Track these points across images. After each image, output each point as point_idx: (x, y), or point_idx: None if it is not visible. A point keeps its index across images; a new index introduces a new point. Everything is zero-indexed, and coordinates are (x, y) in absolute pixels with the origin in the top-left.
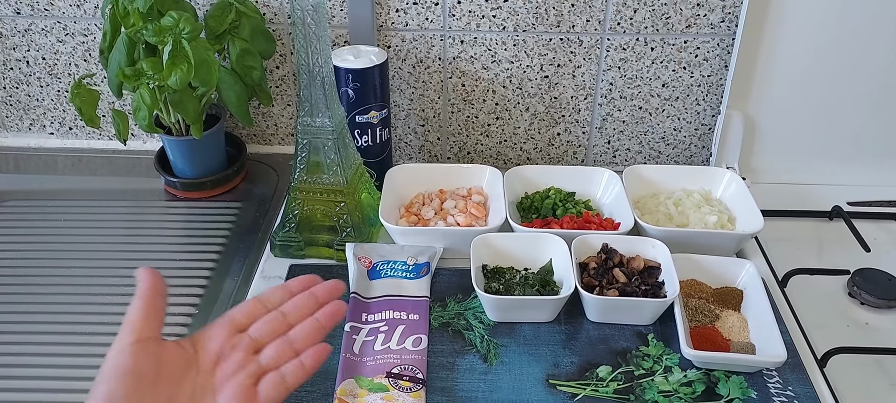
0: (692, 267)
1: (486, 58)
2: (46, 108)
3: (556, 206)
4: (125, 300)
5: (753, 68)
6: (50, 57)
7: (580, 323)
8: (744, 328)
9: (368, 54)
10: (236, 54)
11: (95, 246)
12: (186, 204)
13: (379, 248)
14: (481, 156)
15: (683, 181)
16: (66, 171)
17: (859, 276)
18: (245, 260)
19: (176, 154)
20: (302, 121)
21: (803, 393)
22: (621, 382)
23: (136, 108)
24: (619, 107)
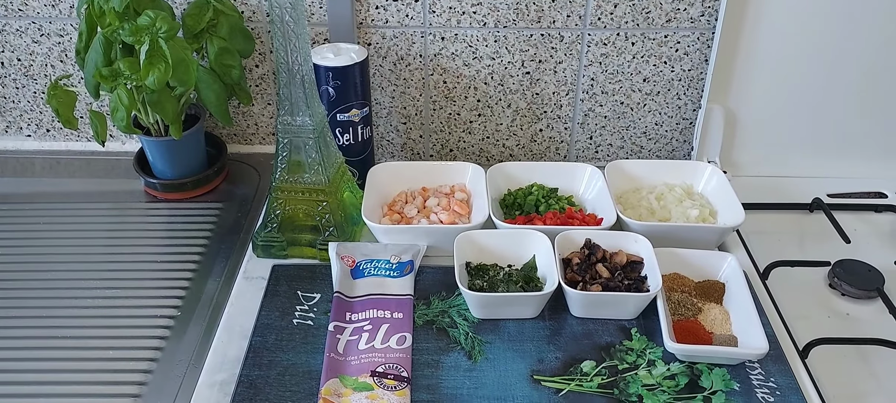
0: (674, 260)
1: (468, 54)
2: (23, 110)
3: (538, 202)
4: (105, 303)
5: (734, 62)
6: (25, 58)
7: (564, 319)
8: (726, 320)
9: (348, 52)
10: (214, 53)
11: (75, 250)
12: (167, 205)
13: (362, 247)
14: (464, 153)
15: (665, 175)
16: (43, 174)
17: (840, 267)
18: (227, 261)
19: (155, 155)
20: (282, 120)
21: (785, 384)
22: (605, 376)
23: (114, 109)
24: (600, 102)
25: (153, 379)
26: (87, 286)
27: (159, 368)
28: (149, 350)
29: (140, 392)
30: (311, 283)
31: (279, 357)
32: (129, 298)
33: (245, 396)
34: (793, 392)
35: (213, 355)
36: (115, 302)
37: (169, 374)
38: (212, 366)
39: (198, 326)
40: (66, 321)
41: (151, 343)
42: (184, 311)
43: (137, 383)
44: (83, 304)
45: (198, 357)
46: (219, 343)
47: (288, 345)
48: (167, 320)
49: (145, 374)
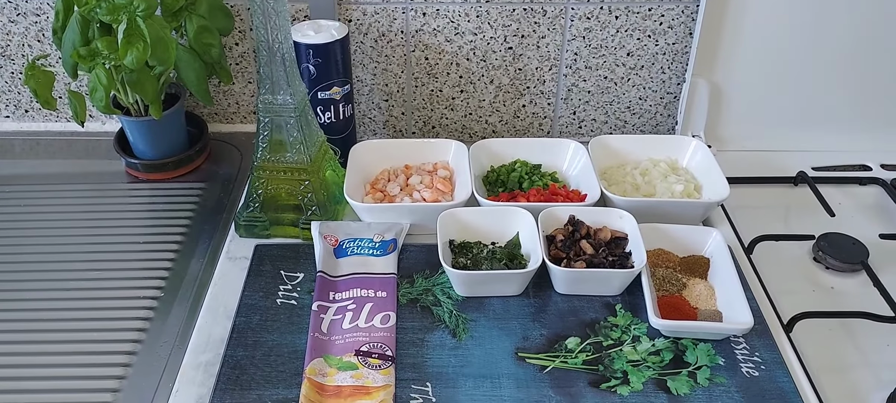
0: (659, 236)
1: (450, 30)
2: (1, 91)
3: (522, 179)
4: (88, 285)
5: (719, 35)
6: (2, 38)
7: (548, 296)
8: (711, 296)
9: (329, 29)
10: (194, 31)
11: (57, 232)
12: (149, 185)
13: (345, 226)
14: (446, 130)
15: (650, 150)
16: (23, 155)
17: (824, 241)
18: (210, 241)
19: (136, 135)
20: (263, 98)
21: (770, 359)
22: (590, 353)
23: (93, 89)
24: (584, 77)
25: (137, 360)
26: (69, 268)
27: (144, 349)
28: (133, 331)
29: (125, 373)
30: (295, 263)
31: (263, 337)
32: (111, 279)
33: (230, 376)
34: (777, 367)
35: (197, 335)
36: (97, 283)
37: (153, 355)
38: (196, 346)
39: (181, 307)
40: (49, 303)
41: (135, 324)
42: (167, 292)
43: (122, 364)
44: (66, 286)
45: (182, 337)
46: (203, 324)
47: (272, 325)
48: (151, 301)
49: (130, 355)
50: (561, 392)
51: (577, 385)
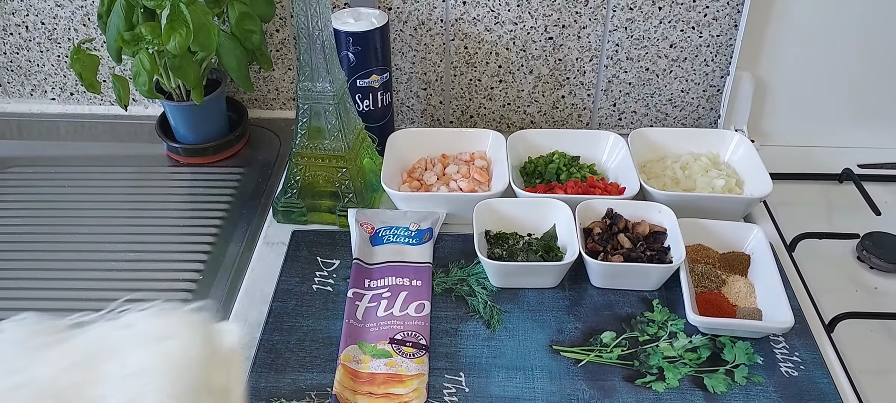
0: (699, 231)
1: (489, 19)
2: (47, 74)
3: (560, 171)
4: (128, 267)
5: (764, 28)
6: (49, 21)
7: (584, 289)
8: (751, 293)
9: (369, 17)
10: (235, 18)
11: (99, 213)
12: (189, 169)
13: (381, 214)
14: (484, 119)
15: (691, 144)
16: (68, 137)
17: (869, 240)
18: (248, 226)
19: (177, 119)
20: (302, 85)
21: (810, 359)
22: (625, 348)
23: (136, 74)
24: (625, 68)
25: None
26: (110, 249)
27: None
28: None
29: None
30: (331, 249)
31: (299, 322)
32: (151, 261)
33: (265, 360)
34: (817, 367)
35: (234, 318)
36: (138, 265)
37: None
38: None
39: (219, 290)
40: (89, 283)
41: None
42: (205, 275)
43: None
44: (106, 267)
45: (219, 320)
46: (240, 307)
47: (307, 311)
48: (190, 283)
49: None
50: (595, 386)
51: (611, 379)
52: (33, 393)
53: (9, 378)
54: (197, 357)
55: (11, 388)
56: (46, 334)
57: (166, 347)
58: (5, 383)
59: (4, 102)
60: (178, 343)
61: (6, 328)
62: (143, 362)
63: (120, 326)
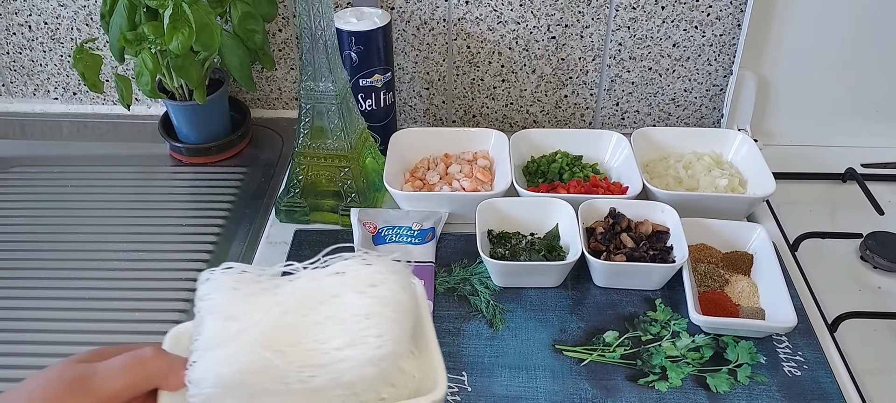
0: (702, 231)
1: (492, 18)
2: (50, 73)
3: (562, 170)
4: (131, 266)
5: (768, 27)
6: (52, 21)
7: (587, 289)
8: (754, 293)
9: (371, 16)
10: (238, 18)
11: (102, 213)
12: (192, 169)
13: (384, 213)
14: (487, 119)
15: (694, 143)
16: (71, 137)
17: (872, 239)
18: (251, 226)
19: (180, 119)
20: (305, 85)
21: (813, 358)
22: (628, 347)
23: (139, 74)
24: (628, 68)
25: None
26: (113, 249)
27: None
28: (174, 312)
29: None
30: None
31: None
32: (154, 261)
33: None
34: (820, 367)
35: None
36: (140, 264)
37: None
38: None
39: None
40: (92, 283)
41: (177, 305)
42: None
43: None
44: (109, 267)
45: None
46: None
47: None
48: (192, 283)
49: None
50: (598, 385)
51: (614, 379)
52: (252, 337)
53: (226, 324)
54: (404, 302)
55: (233, 333)
56: (254, 282)
57: (378, 292)
58: (226, 327)
59: (7, 102)
60: (387, 289)
61: (215, 276)
62: (360, 306)
63: (329, 274)
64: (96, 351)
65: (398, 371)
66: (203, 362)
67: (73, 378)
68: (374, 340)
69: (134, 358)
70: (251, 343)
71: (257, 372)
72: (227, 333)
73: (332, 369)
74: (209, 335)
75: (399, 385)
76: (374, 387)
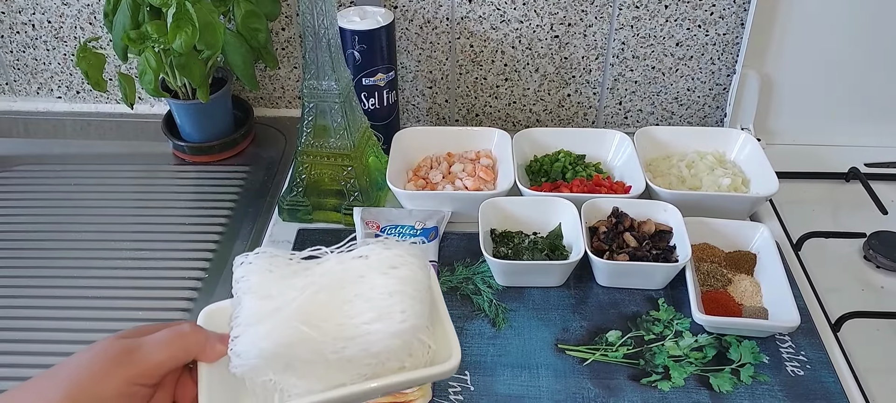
0: (705, 230)
1: (495, 17)
2: (53, 72)
3: (565, 169)
4: (134, 265)
5: (771, 26)
6: (55, 20)
7: (590, 288)
8: (757, 292)
9: (375, 15)
10: (241, 16)
11: (105, 211)
12: (195, 167)
13: (386, 213)
14: (490, 118)
15: (697, 143)
16: (74, 135)
17: (875, 239)
18: (254, 224)
19: (183, 118)
20: (308, 84)
21: (816, 358)
22: (631, 347)
23: (142, 72)
24: (631, 67)
25: None
26: (116, 247)
27: None
28: (177, 311)
29: None
30: None
31: None
32: (158, 260)
33: None
34: (823, 366)
35: None
36: (144, 263)
37: None
38: None
39: (225, 288)
40: (96, 281)
41: (180, 303)
42: (211, 273)
43: None
44: (112, 265)
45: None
46: None
47: None
48: (195, 282)
49: None
50: (600, 384)
51: (617, 378)
52: (288, 314)
53: (263, 302)
54: (422, 281)
55: (270, 310)
56: (286, 265)
57: (399, 273)
58: (263, 305)
59: (11, 100)
60: (408, 270)
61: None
62: (384, 286)
63: (354, 257)
64: (138, 328)
65: (418, 342)
66: (245, 337)
67: (119, 350)
68: (399, 315)
69: (174, 333)
70: (288, 318)
71: (295, 345)
72: (265, 310)
73: (361, 341)
74: (248, 312)
75: (417, 354)
76: (398, 357)
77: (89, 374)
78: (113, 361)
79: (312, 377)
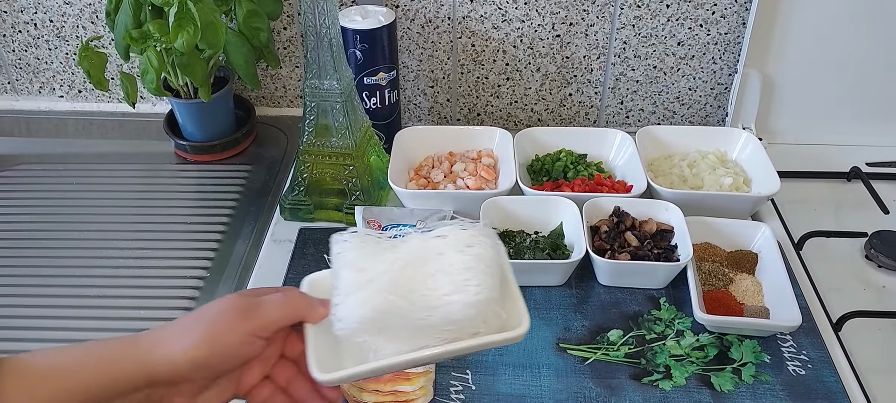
0: (706, 230)
1: (497, 17)
2: (55, 71)
3: (567, 169)
4: (136, 264)
5: (772, 25)
6: (57, 19)
7: (591, 287)
8: (758, 292)
9: (376, 14)
10: (243, 16)
11: (107, 210)
12: (197, 167)
13: (388, 212)
14: (491, 117)
15: (698, 142)
16: (76, 135)
17: (877, 239)
18: (255, 223)
19: (185, 117)
20: (309, 83)
21: (817, 357)
22: (632, 346)
23: (144, 71)
24: (632, 66)
25: None
26: (118, 246)
27: None
28: (179, 310)
29: None
30: None
31: None
32: (159, 259)
33: None
34: (825, 366)
35: None
36: (146, 262)
37: None
38: None
39: (227, 287)
40: (98, 280)
41: (181, 303)
42: (213, 272)
43: None
44: (114, 264)
45: None
46: None
47: None
48: (197, 280)
49: None
50: (602, 384)
51: (618, 377)
52: (381, 285)
53: (358, 275)
54: (494, 258)
55: (365, 281)
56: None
57: (474, 251)
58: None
59: (13, 99)
60: (481, 249)
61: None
62: (461, 262)
63: (433, 236)
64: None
65: (491, 311)
66: (346, 304)
67: (245, 305)
68: (474, 288)
69: (287, 296)
70: (381, 289)
71: (387, 312)
72: (361, 281)
73: (443, 310)
74: (347, 283)
75: (491, 322)
76: (474, 324)
77: (222, 322)
78: (239, 314)
79: (400, 340)
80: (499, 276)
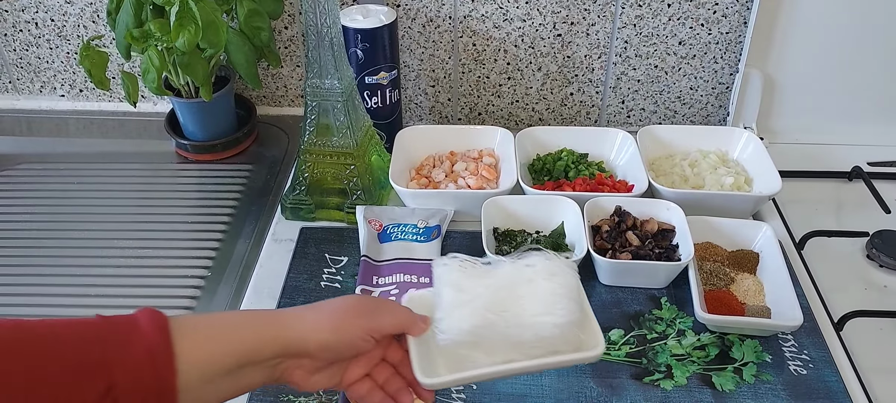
0: (707, 229)
1: (498, 16)
2: (57, 70)
3: (568, 168)
4: (138, 263)
5: (774, 25)
6: (58, 18)
7: (592, 287)
8: (759, 291)
9: (378, 14)
10: (244, 15)
11: (108, 209)
12: (198, 166)
13: (389, 211)
14: (492, 117)
15: (699, 141)
16: (77, 134)
17: (878, 238)
18: (256, 223)
19: (186, 116)
20: (311, 82)
21: (819, 357)
22: (634, 345)
23: (145, 71)
24: (634, 65)
25: None
26: (119, 245)
27: None
28: (180, 309)
29: None
30: (339, 246)
31: None
32: (160, 258)
33: None
34: (826, 365)
35: None
36: (147, 262)
37: None
38: None
39: (228, 287)
40: (99, 279)
41: (182, 302)
42: (214, 272)
43: None
44: (115, 263)
45: None
46: (248, 304)
47: None
48: (198, 280)
49: None
50: (603, 384)
51: (619, 377)
52: (480, 304)
53: (459, 294)
54: (576, 286)
55: (466, 300)
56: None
57: (559, 279)
58: (460, 296)
59: (14, 99)
60: (565, 278)
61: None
62: (548, 288)
63: (523, 265)
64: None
65: (572, 333)
66: (449, 318)
67: (366, 306)
68: (559, 311)
69: (399, 307)
70: (479, 308)
71: (484, 328)
72: (461, 300)
73: (533, 329)
74: (448, 300)
75: (570, 342)
76: (557, 343)
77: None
78: (361, 313)
79: (494, 353)
80: (579, 301)
